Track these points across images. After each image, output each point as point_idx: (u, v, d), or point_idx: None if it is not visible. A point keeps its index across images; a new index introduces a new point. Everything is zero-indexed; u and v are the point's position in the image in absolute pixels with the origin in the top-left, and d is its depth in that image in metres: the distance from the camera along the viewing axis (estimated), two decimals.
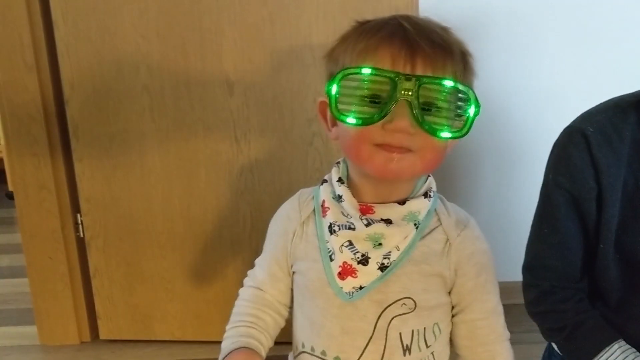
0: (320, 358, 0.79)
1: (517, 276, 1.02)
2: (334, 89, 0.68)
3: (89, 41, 1.52)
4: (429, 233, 0.77)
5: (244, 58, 1.49)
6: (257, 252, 0.95)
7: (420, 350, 0.78)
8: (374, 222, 0.74)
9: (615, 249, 0.92)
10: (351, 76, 0.67)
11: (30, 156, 1.61)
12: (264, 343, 0.83)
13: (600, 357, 0.90)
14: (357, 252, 0.75)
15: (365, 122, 0.67)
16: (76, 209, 1.68)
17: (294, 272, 0.83)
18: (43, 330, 1.76)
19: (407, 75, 0.66)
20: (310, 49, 1.48)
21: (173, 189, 1.60)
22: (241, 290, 0.89)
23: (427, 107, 0.67)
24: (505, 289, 1.85)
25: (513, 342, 1.67)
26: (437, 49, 0.68)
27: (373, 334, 0.76)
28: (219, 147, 1.56)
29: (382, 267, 0.74)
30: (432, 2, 1.62)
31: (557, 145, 0.95)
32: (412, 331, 0.77)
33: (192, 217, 1.62)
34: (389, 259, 0.75)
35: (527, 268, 1.01)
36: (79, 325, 1.76)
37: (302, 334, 0.83)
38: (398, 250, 0.75)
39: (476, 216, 1.94)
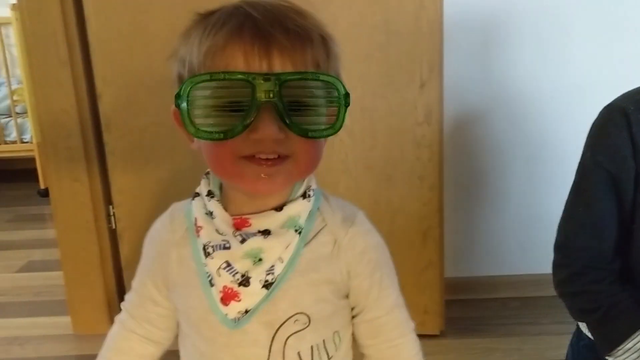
0: None
1: (544, 268, 1.02)
2: (184, 102, 0.59)
3: (120, 36, 1.55)
4: (314, 237, 0.69)
5: None
6: None
7: None
8: (249, 237, 0.65)
9: None
10: (200, 84, 0.59)
11: (64, 149, 1.65)
12: None
13: (634, 338, 0.90)
14: (237, 272, 0.66)
15: (227, 135, 0.59)
16: (108, 201, 1.71)
17: (174, 300, 0.75)
18: (76, 319, 1.80)
19: (265, 74, 0.58)
20: (337, 40, 1.49)
21: None
22: (116, 318, 0.81)
23: (293, 107, 0.59)
24: (533, 281, 1.89)
25: (541, 333, 1.70)
26: (294, 37, 0.60)
27: (269, 358, 0.69)
28: None
29: (267, 285, 0.66)
30: None
31: (596, 124, 0.95)
32: (312, 347, 0.70)
33: None
34: (272, 274, 0.66)
35: (559, 247, 0.99)
36: (110, 315, 1.79)
37: None
38: (282, 262, 0.67)
39: (506, 209, 1.96)
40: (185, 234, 0.71)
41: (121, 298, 1.85)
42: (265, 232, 0.66)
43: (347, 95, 0.62)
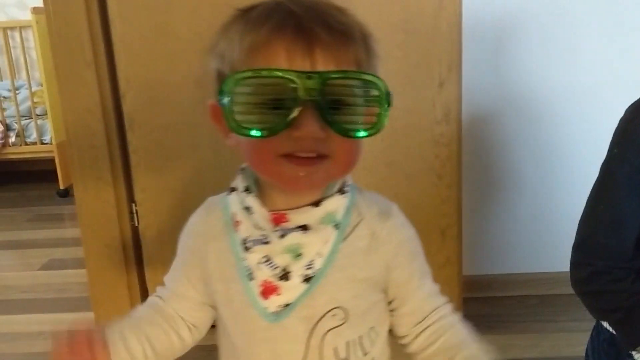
0: None
1: (561, 267, 1.03)
2: (226, 98, 0.60)
3: (144, 38, 1.59)
4: (351, 232, 0.70)
5: None
6: None
7: None
8: (289, 232, 0.66)
9: None
10: (243, 81, 0.59)
11: (89, 148, 1.69)
12: (128, 345, 0.73)
13: None
14: (277, 267, 0.67)
15: (270, 132, 0.59)
16: (131, 198, 1.75)
17: (212, 295, 0.75)
18: (99, 316, 1.83)
19: (308, 73, 0.58)
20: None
21: (224, 179, 1.65)
22: (148, 299, 0.81)
23: (335, 106, 0.59)
24: (549, 279, 1.90)
25: (559, 330, 1.72)
26: (337, 35, 0.60)
27: (306, 354, 0.69)
28: None
29: (307, 279, 0.67)
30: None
31: (624, 121, 0.96)
32: (348, 343, 0.70)
33: None
34: (312, 268, 0.67)
35: (578, 246, 1.00)
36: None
37: None
38: (321, 257, 0.68)
39: (520, 208, 1.98)
40: (222, 229, 0.72)
41: (143, 295, 1.89)
42: (304, 228, 0.67)
43: (389, 94, 0.62)
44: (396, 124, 1.54)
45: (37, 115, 3.35)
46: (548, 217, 1.88)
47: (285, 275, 0.67)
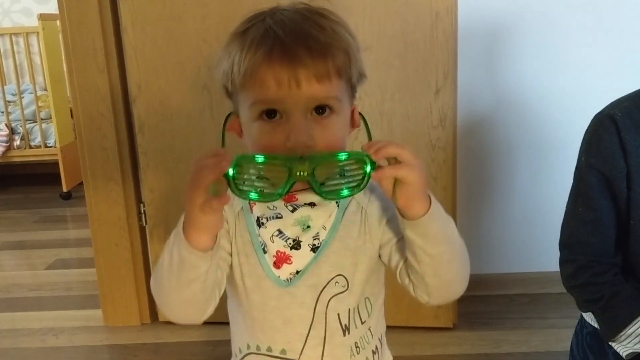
0: (267, 355, 0.80)
1: (550, 267, 1.09)
2: (231, 170, 0.67)
3: (155, 45, 1.66)
4: (346, 208, 0.80)
5: None
6: None
7: (357, 327, 0.81)
8: (299, 207, 0.77)
9: None
10: (247, 162, 0.67)
11: (100, 150, 1.76)
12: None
13: (635, 324, 0.97)
14: (288, 238, 0.77)
15: (266, 199, 0.71)
16: (139, 199, 1.82)
17: (233, 268, 0.81)
18: (107, 312, 1.90)
19: (300, 158, 0.67)
20: (355, 36, 1.60)
21: None
22: None
23: (323, 181, 0.69)
24: (540, 278, 1.97)
25: (548, 327, 1.79)
26: (317, 55, 0.69)
27: (313, 319, 0.78)
28: None
29: (314, 248, 0.78)
30: (470, 8, 1.74)
31: (588, 131, 1.03)
32: (349, 310, 0.80)
33: None
34: (318, 239, 0.78)
35: (564, 245, 1.07)
36: (140, 308, 1.90)
37: (244, 336, 0.82)
38: (325, 229, 0.78)
39: (512, 210, 2.04)
40: (240, 211, 0.81)
41: (150, 292, 1.94)
42: (311, 204, 0.78)
43: (373, 163, 0.68)
44: (395, 129, 1.62)
45: (42, 119, 3.40)
46: (539, 218, 1.95)
47: (296, 245, 0.78)
